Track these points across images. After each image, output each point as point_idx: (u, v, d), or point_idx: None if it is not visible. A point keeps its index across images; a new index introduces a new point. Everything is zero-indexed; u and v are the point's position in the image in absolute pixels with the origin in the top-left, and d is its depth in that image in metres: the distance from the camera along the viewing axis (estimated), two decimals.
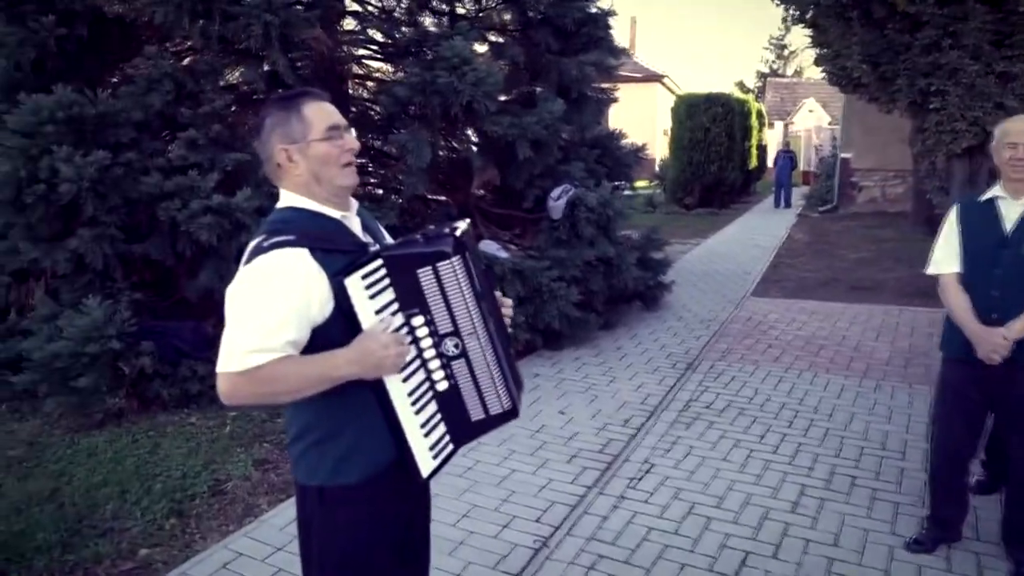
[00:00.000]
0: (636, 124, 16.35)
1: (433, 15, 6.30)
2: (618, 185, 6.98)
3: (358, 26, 6.14)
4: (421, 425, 1.66)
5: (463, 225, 1.67)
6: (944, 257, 2.86)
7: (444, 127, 5.65)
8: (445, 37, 5.30)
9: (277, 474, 3.76)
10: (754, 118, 19.86)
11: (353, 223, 1.72)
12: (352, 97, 6.24)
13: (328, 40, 5.27)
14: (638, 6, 67.30)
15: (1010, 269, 2.68)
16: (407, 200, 5.80)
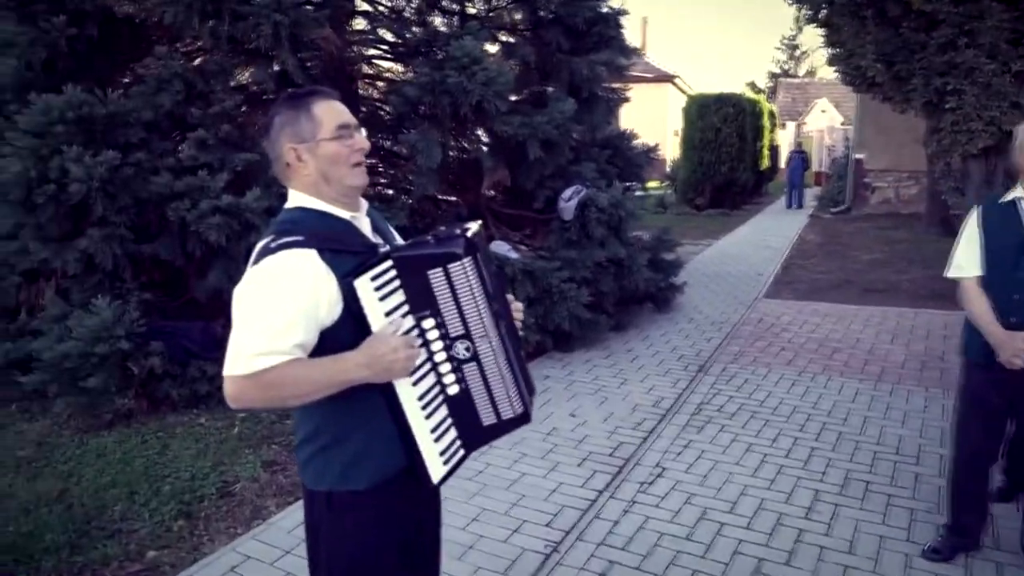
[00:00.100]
0: (647, 124, 16.26)
1: (443, 15, 6.28)
2: (629, 186, 6.95)
3: (368, 26, 6.13)
4: (432, 430, 1.62)
5: (474, 226, 1.64)
6: (965, 260, 2.80)
7: (454, 127, 5.62)
8: (455, 37, 5.27)
9: (285, 476, 3.74)
10: (766, 118, 19.77)
11: (363, 224, 1.69)
12: (362, 97, 6.22)
13: (338, 40, 5.25)
14: (649, 6, 67.13)
15: None
16: (417, 201, 5.77)
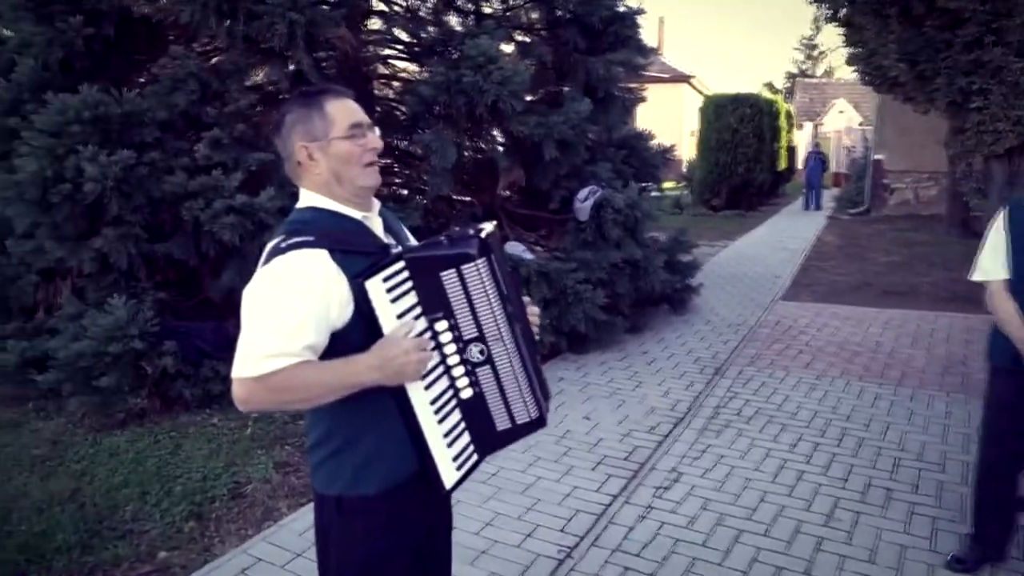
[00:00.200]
0: (664, 125, 16.14)
1: (459, 14, 6.25)
2: (645, 186, 6.87)
3: (383, 25, 6.11)
4: (444, 435, 1.59)
5: (489, 226, 1.60)
6: (991, 263, 2.73)
7: (469, 127, 5.59)
8: (471, 36, 5.24)
9: (297, 477, 3.71)
10: (783, 119, 19.61)
11: (375, 224, 1.66)
12: (377, 97, 6.21)
13: (353, 39, 5.24)
14: (666, 6, 66.98)
15: None
16: (432, 201, 5.75)
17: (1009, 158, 8.95)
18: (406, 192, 6.10)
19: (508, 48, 6.10)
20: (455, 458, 1.60)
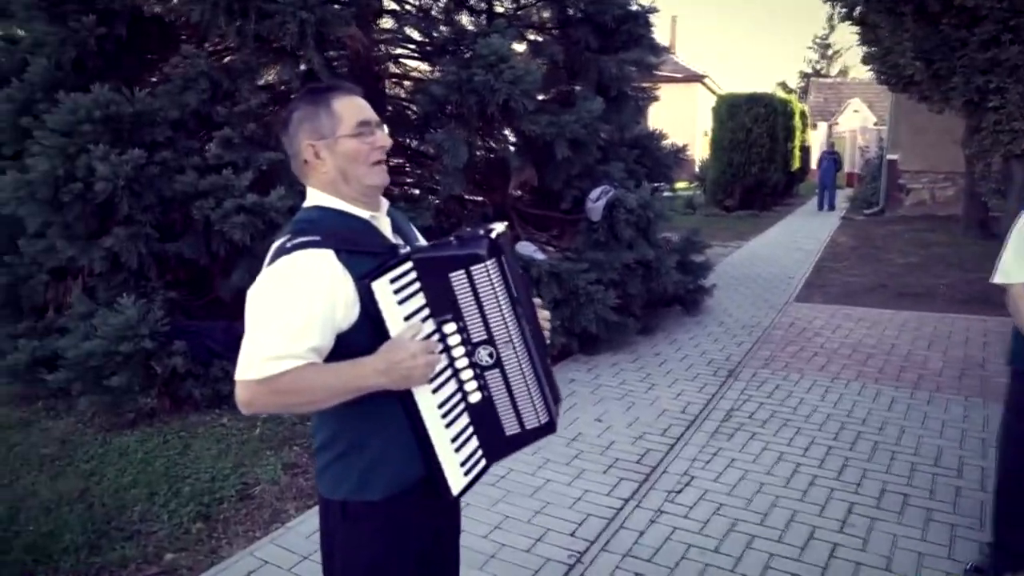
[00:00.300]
0: (676, 125, 16.04)
1: (471, 13, 6.22)
2: (658, 186, 6.82)
3: (395, 25, 6.09)
4: (452, 439, 1.56)
5: (499, 227, 1.56)
6: (1015, 266, 2.66)
7: (481, 126, 5.56)
8: (482, 35, 5.21)
9: (306, 479, 3.69)
10: (797, 119, 19.46)
11: (383, 223, 1.63)
12: (389, 96, 6.19)
13: (364, 38, 5.21)
14: (679, 6, 66.70)
15: None
16: (443, 200, 5.72)
17: None
18: (418, 192, 6.08)
19: (520, 47, 6.06)
20: (463, 463, 1.58)
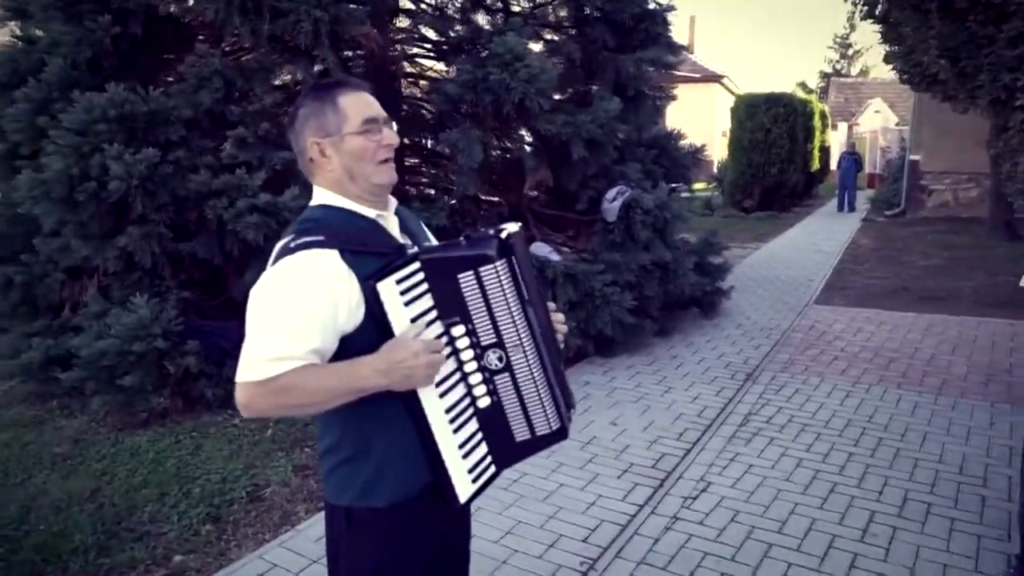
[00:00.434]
0: (694, 125, 15.92)
1: (487, 12, 6.18)
2: (675, 187, 6.74)
3: (410, 24, 6.06)
4: (460, 445, 1.51)
5: (511, 227, 1.51)
6: None
7: (496, 126, 5.51)
8: (498, 33, 5.16)
9: (316, 481, 3.66)
10: (817, 119, 19.23)
11: (390, 223, 1.59)
12: (404, 96, 6.17)
13: (380, 37, 5.19)
14: (697, 5, 66.34)
15: None
16: (458, 200, 5.69)
17: None
18: (433, 192, 6.05)
19: (536, 46, 6.01)
20: (471, 470, 1.53)
